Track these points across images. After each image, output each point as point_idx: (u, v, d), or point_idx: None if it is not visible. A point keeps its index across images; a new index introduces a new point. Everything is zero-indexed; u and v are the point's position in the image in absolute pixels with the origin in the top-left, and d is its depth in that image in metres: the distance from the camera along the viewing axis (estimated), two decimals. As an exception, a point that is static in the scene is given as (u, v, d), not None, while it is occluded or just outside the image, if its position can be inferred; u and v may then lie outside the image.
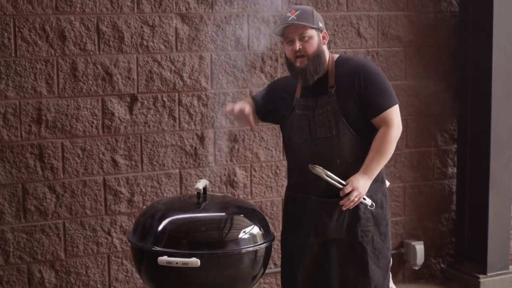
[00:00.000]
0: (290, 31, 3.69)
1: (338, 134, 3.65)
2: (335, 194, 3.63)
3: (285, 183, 5.21)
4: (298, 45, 3.66)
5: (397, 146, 5.54)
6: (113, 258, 4.83)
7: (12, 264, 4.59)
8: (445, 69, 5.75)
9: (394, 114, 3.70)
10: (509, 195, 5.64)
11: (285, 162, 5.20)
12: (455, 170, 5.85)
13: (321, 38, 3.72)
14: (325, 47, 3.75)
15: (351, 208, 3.61)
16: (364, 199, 3.61)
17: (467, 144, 5.70)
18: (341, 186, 3.54)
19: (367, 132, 3.69)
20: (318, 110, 3.70)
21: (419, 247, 5.65)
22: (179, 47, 4.87)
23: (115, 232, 4.81)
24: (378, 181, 3.77)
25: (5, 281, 4.57)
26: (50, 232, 4.66)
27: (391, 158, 5.51)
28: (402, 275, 5.76)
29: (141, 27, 4.76)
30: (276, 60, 5.14)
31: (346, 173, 3.63)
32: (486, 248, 5.56)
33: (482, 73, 5.51)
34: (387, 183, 3.91)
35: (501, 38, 5.44)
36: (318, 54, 3.68)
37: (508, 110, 5.54)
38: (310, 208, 3.73)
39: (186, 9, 4.87)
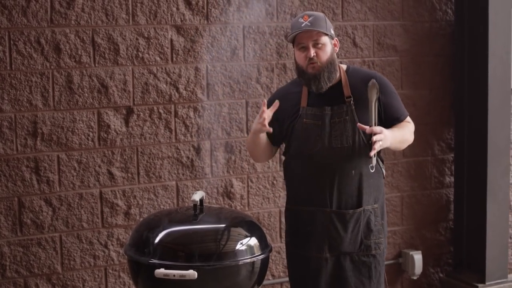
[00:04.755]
0: (303, 38, 3.60)
1: (354, 145, 3.61)
2: (349, 205, 3.64)
3: (282, 194, 5.21)
4: (312, 52, 3.58)
5: (394, 155, 5.56)
6: (110, 271, 4.81)
7: (9, 278, 4.57)
8: (441, 78, 5.75)
9: (411, 121, 3.82)
10: (507, 204, 5.63)
11: (282, 173, 5.20)
12: (452, 179, 5.85)
13: (333, 46, 3.67)
14: (336, 55, 3.70)
15: (373, 147, 3.49)
16: (376, 155, 3.54)
17: (464, 153, 5.69)
18: (373, 123, 3.50)
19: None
20: (334, 119, 3.63)
21: (417, 256, 5.64)
22: (174, 59, 4.87)
23: (112, 245, 4.79)
24: (381, 192, 3.77)
25: (1, 295, 4.56)
26: (47, 245, 4.64)
27: (388, 168, 5.52)
28: (400, 285, 5.75)
29: (137, 39, 4.76)
30: (272, 70, 5.13)
31: (361, 184, 3.63)
32: (484, 257, 5.55)
33: (478, 82, 5.51)
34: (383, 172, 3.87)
35: (497, 46, 5.44)
36: (332, 62, 3.62)
37: (505, 119, 5.54)
38: (322, 221, 3.68)
39: (182, 21, 4.87)
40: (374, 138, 3.46)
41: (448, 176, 5.85)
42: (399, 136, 3.69)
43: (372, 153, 3.46)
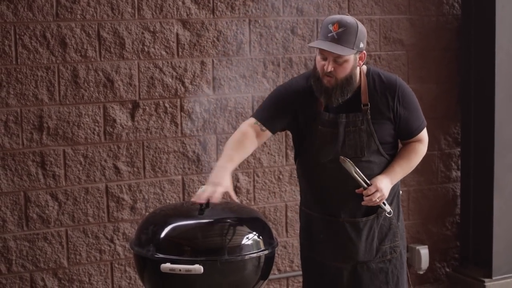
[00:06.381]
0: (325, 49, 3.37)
1: (368, 155, 3.49)
2: (362, 213, 3.56)
3: (288, 188, 5.20)
4: (330, 67, 3.36)
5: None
6: (116, 265, 4.81)
7: (15, 272, 4.58)
8: (448, 72, 5.73)
9: (425, 134, 3.65)
10: (513, 198, 5.62)
11: (288, 167, 5.20)
12: (459, 173, 5.83)
13: (358, 60, 3.43)
14: (358, 68, 3.47)
15: (369, 205, 3.50)
16: (384, 204, 3.53)
17: (471, 148, 5.68)
18: (365, 185, 3.46)
19: (392, 148, 3.60)
20: (349, 127, 3.49)
21: (424, 251, 5.62)
22: (180, 53, 4.86)
23: (118, 239, 4.79)
24: (396, 194, 3.69)
25: (8, 290, 4.57)
26: (53, 240, 4.64)
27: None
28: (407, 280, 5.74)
29: (142, 33, 4.75)
30: (278, 65, 5.12)
31: None
32: (491, 251, 5.54)
33: (485, 76, 5.49)
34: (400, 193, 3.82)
35: (504, 40, 5.42)
36: (349, 78, 3.41)
37: (512, 113, 5.53)
38: (335, 230, 3.60)
39: (187, 15, 4.86)
40: (373, 199, 3.47)
41: (454, 170, 5.84)
42: (404, 168, 3.61)
43: (382, 206, 3.53)
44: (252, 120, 3.61)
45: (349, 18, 3.41)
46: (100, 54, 4.66)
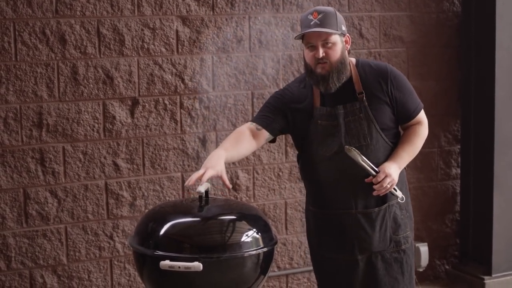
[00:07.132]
0: (312, 37, 3.44)
1: (372, 142, 3.51)
2: (373, 203, 3.57)
3: (288, 185, 5.20)
4: (321, 52, 3.42)
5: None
6: (116, 262, 4.81)
7: (14, 269, 4.57)
8: (448, 70, 5.73)
9: (424, 115, 3.68)
10: (513, 196, 5.62)
11: (287, 165, 5.19)
12: (459, 171, 5.83)
13: (344, 43, 3.50)
14: (347, 53, 3.53)
15: (381, 194, 3.51)
16: (395, 190, 3.53)
17: (471, 145, 5.67)
18: (374, 173, 3.47)
19: (395, 136, 3.62)
20: (348, 117, 3.51)
21: (424, 248, 5.62)
22: (180, 50, 4.85)
23: (117, 236, 4.79)
24: (405, 184, 3.70)
25: (7, 287, 4.56)
26: (52, 237, 4.64)
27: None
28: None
29: (142, 30, 4.74)
30: (278, 61, 5.12)
31: None
32: (491, 249, 5.54)
33: (485, 73, 5.49)
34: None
35: (504, 37, 5.42)
36: (342, 61, 3.47)
37: (512, 110, 5.52)
38: (348, 223, 3.60)
39: (187, 12, 4.85)
40: (381, 190, 3.48)
41: (454, 167, 5.83)
42: (409, 152, 3.62)
43: (376, 194, 3.52)
44: (248, 122, 3.67)
45: (324, 6, 3.57)
46: (99, 51, 4.66)
